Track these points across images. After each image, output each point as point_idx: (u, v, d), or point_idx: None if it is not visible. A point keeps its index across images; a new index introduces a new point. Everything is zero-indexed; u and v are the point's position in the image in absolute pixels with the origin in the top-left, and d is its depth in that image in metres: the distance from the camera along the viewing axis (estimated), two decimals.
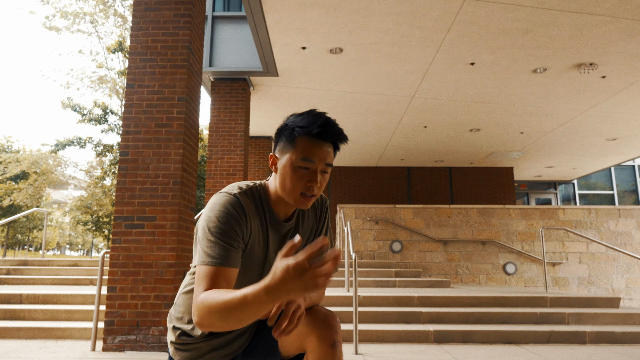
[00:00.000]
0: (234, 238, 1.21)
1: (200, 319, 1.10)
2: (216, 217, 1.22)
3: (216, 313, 1.05)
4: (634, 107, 8.65)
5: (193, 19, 4.39)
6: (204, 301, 1.09)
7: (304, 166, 1.25)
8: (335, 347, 1.25)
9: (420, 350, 4.12)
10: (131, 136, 4.19)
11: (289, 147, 1.28)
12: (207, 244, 1.19)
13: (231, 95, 7.60)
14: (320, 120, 1.26)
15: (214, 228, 1.20)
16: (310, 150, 1.25)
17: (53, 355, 3.70)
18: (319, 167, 1.27)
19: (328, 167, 1.29)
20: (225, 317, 1.04)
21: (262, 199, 1.35)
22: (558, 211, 8.97)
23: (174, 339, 1.43)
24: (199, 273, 1.17)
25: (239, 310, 1.01)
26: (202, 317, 1.09)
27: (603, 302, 5.48)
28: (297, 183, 1.26)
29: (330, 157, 1.29)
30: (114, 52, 17.66)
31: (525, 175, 15.68)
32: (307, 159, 1.25)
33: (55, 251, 51.44)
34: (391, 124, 10.04)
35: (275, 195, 1.35)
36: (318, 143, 1.26)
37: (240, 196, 1.28)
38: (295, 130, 1.27)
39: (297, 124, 1.28)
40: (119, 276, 3.97)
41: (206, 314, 1.08)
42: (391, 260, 8.69)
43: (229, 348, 1.41)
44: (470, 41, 6.22)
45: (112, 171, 17.18)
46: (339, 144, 1.32)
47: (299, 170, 1.26)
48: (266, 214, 1.35)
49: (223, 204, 1.25)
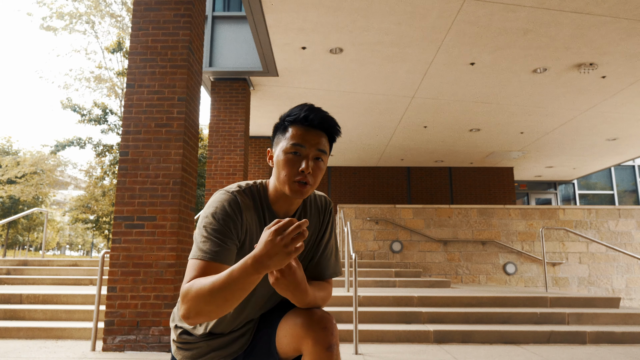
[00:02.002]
0: (227, 235, 1.24)
1: (186, 309, 1.12)
2: (212, 214, 1.26)
3: (202, 297, 1.09)
4: (634, 107, 8.65)
5: (193, 19, 4.39)
6: (190, 288, 1.12)
7: (295, 151, 1.29)
8: (332, 350, 1.23)
9: (420, 350, 4.12)
10: (131, 136, 4.18)
11: (281, 138, 1.33)
12: (201, 239, 1.23)
13: (231, 95, 7.60)
14: (306, 107, 1.32)
15: (209, 225, 1.24)
16: (300, 136, 1.29)
17: (53, 355, 3.70)
18: (310, 152, 1.29)
19: (321, 153, 1.31)
20: (212, 299, 1.08)
21: (261, 197, 1.37)
22: (558, 211, 8.97)
23: (175, 337, 1.43)
24: (188, 266, 1.20)
25: (226, 289, 1.06)
26: (188, 306, 1.11)
27: (603, 302, 5.48)
28: (290, 170, 1.29)
29: (323, 144, 1.32)
30: (113, 53, 17.66)
31: (525, 175, 15.68)
32: (297, 144, 1.29)
33: (55, 251, 51.45)
34: (391, 124, 10.04)
35: (274, 192, 1.37)
36: (307, 129, 1.30)
37: (237, 194, 1.31)
38: (286, 121, 1.33)
39: (287, 115, 1.34)
40: (119, 276, 3.97)
41: (192, 301, 1.10)
42: (391, 260, 8.69)
43: (229, 349, 1.41)
44: (470, 41, 6.22)
45: (112, 171, 17.18)
46: (332, 133, 1.35)
47: (290, 157, 1.29)
48: (265, 212, 1.36)
49: (220, 201, 1.28)
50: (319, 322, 1.25)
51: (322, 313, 1.28)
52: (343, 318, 4.86)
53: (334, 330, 1.26)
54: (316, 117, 1.31)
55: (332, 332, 1.25)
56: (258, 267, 1.03)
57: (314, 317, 1.26)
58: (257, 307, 1.41)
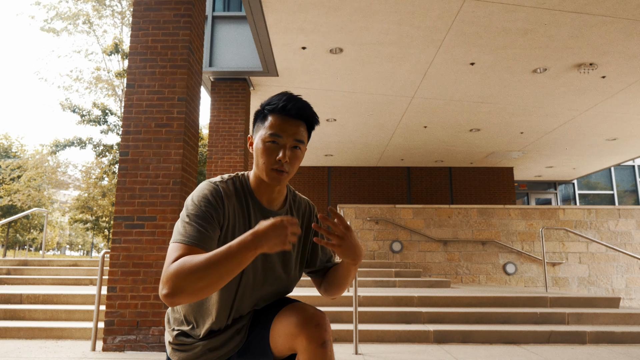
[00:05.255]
0: (208, 221, 1.26)
1: (173, 286, 1.11)
2: (193, 201, 1.30)
3: (195, 273, 1.10)
4: (634, 107, 8.65)
5: (193, 19, 4.39)
6: (181, 265, 1.12)
7: (273, 140, 1.33)
8: (326, 347, 1.24)
9: (420, 350, 4.12)
10: (131, 136, 4.19)
11: (260, 126, 1.37)
12: (182, 224, 1.26)
13: (231, 95, 7.61)
14: (285, 96, 1.35)
15: (191, 211, 1.27)
16: (278, 125, 1.33)
17: (53, 355, 3.70)
18: (288, 142, 1.33)
19: (298, 142, 1.35)
20: (206, 274, 1.09)
21: (243, 186, 1.41)
22: (558, 211, 8.97)
23: (171, 339, 1.43)
24: (170, 250, 1.22)
25: (222, 263, 1.09)
26: (177, 283, 1.10)
27: (603, 302, 5.48)
28: (268, 158, 1.33)
29: (301, 134, 1.35)
30: (110, 54, 17.64)
31: (525, 175, 15.69)
32: (275, 134, 1.32)
33: (55, 251, 51.45)
34: (391, 124, 10.04)
35: (255, 180, 1.42)
36: (286, 119, 1.34)
37: (219, 183, 1.36)
38: (265, 109, 1.37)
39: (266, 104, 1.38)
40: (119, 276, 3.97)
41: (183, 278, 1.10)
42: (391, 260, 8.69)
43: (225, 348, 1.41)
44: (470, 41, 6.22)
45: (112, 171, 17.18)
46: (310, 121, 1.38)
47: (268, 146, 1.33)
48: (248, 199, 1.40)
49: (202, 189, 1.33)
50: (312, 320, 1.26)
51: (314, 310, 1.30)
52: (343, 318, 4.86)
53: (327, 327, 1.27)
54: (294, 107, 1.34)
55: (326, 328, 1.26)
56: (256, 242, 1.10)
57: (307, 314, 1.28)
58: (247, 299, 1.40)
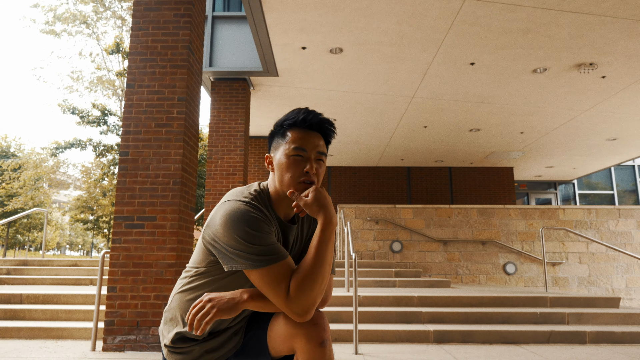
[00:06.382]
0: (271, 234, 1.29)
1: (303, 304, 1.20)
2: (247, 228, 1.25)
3: (310, 282, 1.21)
4: (634, 107, 8.65)
5: (193, 19, 4.39)
6: (300, 286, 1.20)
7: (297, 154, 1.34)
8: (325, 346, 1.23)
9: (420, 350, 4.12)
10: (131, 136, 4.19)
11: (281, 142, 1.38)
12: (253, 250, 1.23)
13: (231, 95, 7.60)
14: (303, 110, 1.39)
15: (250, 239, 1.24)
16: (300, 138, 1.35)
17: (53, 355, 3.70)
18: (312, 155, 1.36)
19: (321, 155, 1.37)
20: (317, 276, 1.21)
21: (265, 200, 1.39)
22: (558, 211, 8.97)
23: (168, 342, 1.41)
24: (267, 275, 1.22)
25: (324, 256, 1.23)
26: (304, 300, 1.20)
27: (603, 302, 5.48)
28: (295, 171, 1.33)
29: (322, 147, 1.38)
30: (111, 54, 17.65)
31: (525, 175, 15.68)
32: (299, 148, 1.34)
33: (55, 251, 51.43)
34: (391, 124, 10.04)
35: (275, 195, 1.39)
36: (307, 132, 1.37)
37: (253, 200, 1.34)
38: (284, 124, 1.39)
39: (284, 120, 1.40)
40: (119, 276, 3.97)
41: (308, 292, 1.20)
42: (391, 260, 8.69)
43: (222, 349, 1.40)
44: (470, 41, 6.22)
45: (112, 172, 17.18)
46: (328, 133, 1.40)
47: (293, 160, 1.33)
48: (272, 213, 1.39)
49: (243, 213, 1.27)
50: (310, 319, 1.25)
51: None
52: (343, 318, 4.86)
53: (325, 326, 1.26)
54: (314, 118, 1.36)
55: (324, 327, 1.26)
56: (331, 218, 1.26)
57: None
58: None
